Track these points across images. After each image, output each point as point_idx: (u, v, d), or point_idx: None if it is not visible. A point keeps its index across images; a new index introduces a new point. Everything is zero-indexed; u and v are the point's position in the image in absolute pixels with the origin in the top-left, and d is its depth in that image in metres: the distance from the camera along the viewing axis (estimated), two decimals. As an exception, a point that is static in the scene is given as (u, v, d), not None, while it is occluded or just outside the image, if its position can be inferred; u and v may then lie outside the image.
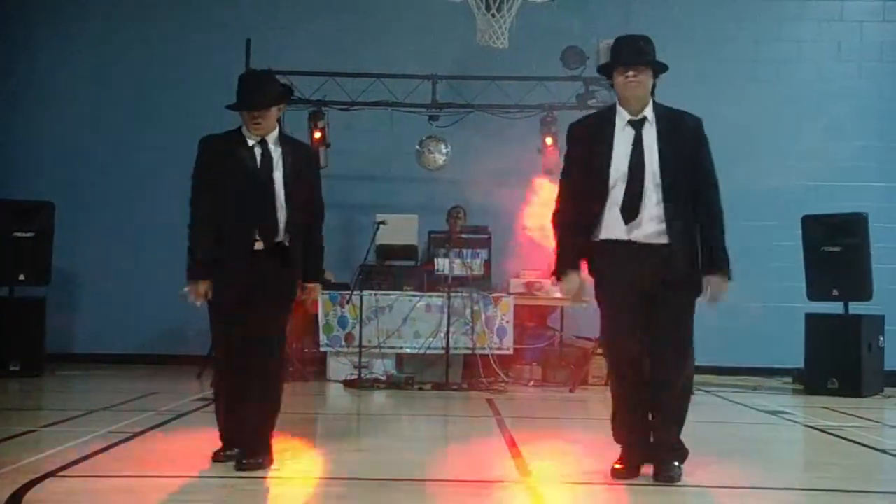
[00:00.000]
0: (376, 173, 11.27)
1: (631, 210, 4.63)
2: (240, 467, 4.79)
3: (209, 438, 5.11)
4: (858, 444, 6.30)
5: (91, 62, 11.50)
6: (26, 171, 11.07)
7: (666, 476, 4.65)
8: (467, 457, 5.80)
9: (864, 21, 11.74)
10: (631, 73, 4.69)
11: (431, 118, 10.38)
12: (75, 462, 4.99)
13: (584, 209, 4.74)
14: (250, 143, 4.95)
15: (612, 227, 4.68)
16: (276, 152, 4.98)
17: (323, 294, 9.50)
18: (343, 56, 10.86)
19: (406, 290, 9.61)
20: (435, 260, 9.80)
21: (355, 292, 9.40)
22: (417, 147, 10.68)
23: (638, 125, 4.72)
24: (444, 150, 10.66)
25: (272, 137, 5.00)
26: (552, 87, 10.23)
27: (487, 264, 9.93)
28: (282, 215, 4.95)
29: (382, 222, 9.51)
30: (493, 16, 9.44)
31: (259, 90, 4.97)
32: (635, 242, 4.65)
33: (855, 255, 9.39)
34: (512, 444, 5.93)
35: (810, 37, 11.72)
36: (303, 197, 5.06)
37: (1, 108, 11.45)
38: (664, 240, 4.65)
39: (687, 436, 4.83)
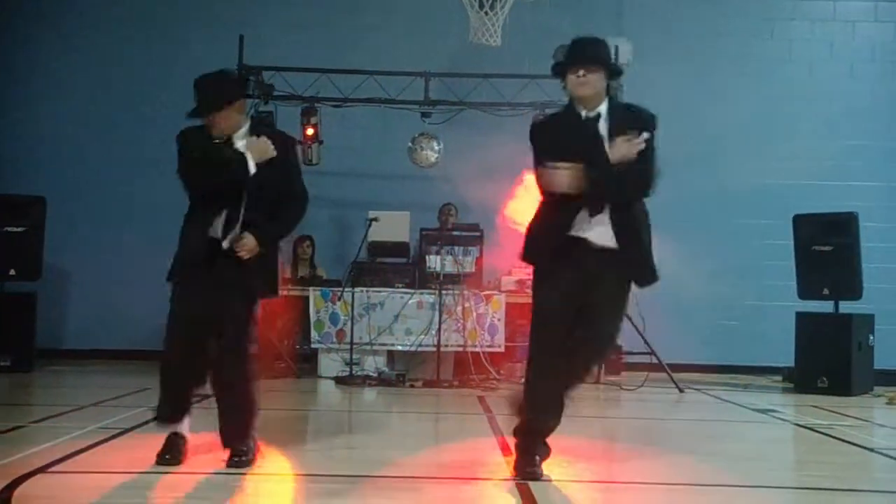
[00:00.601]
0: (369, 170, 11.27)
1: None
2: (231, 464, 4.80)
3: (200, 435, 5.10)
4: (848, 442, 6.32)
5: (85, 58, 11.50)
6: (18, 166, 11.06)
7: None
8: (458, 454, 5.80)
9: (856, 21, 11.79)
10: (581, 73, 4.66)
11: (424, 115, 10.40)
12: (66, 458, 4.97)
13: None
14: (216, 142, 4.89)
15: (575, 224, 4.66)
16: (251, 141, 4.89)
17: (315, 290, 9.54)
18: (336, 53, 10.87)
19: (397, 287, 9.61)
20: (426, 257, 9.80)
21: (347, 289, 9.41)
22: (410, 144, 10.69)
23: (593, 121, 4.69)
24: (437, 148, 10.68)
25: (240, 135, 4.93)
26: (544, 85, 10.22)
27: (479, 261, 9.91)
28: (243, 214, 4.87)
29: (374, 219, 9.52)
30: (486, 13, 9.46)
31: (207, 94, 4.89)
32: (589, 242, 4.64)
33: (846, 254, 9.42)
34: (503, 442, 5.93)
35: (802, 36, 11.76)
36: (275, 189, 4.95)
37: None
38: (611, 243, 4.63)
39: (678, 433, 4.84)
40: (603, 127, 4.68)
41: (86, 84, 11.45)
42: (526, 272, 9.89)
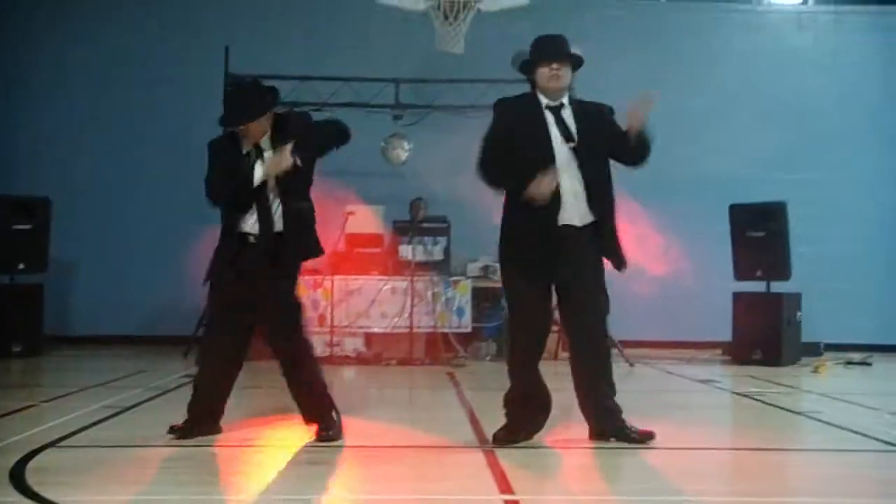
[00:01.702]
0: (346, 168, 11.16)
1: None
2: (319, 438, 4.81)
3: (185, 412, 5.08)
4: (778, 407, 6.43)
5: (85, 64, 11.33)
6: (24, 167, 10.95)
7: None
8: (430, 424, 5.84)
9: (782, 26, 11.92)
10: (555, 66, 4.71)
11: (395, 117, 10.41)
12: (73, 433, 4.99)
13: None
14: (244, 150, 4.79)
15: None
16: (268, 156, 4.77)
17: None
18: (314, 61, 10.86)
19: (373, 275, 9.63)
20: (399, 247, 9.82)
21: (327, 277, 9.41)
22: (382, 144, 10.68)
23: (556, 109, 4.74)
24: (407, 147, 10.67)
25: (265, 140, 4.80)
26: (505, 88, 10.22)
27: (447, 250, 9.95)
28: (276, 212, 4.78)
29: (351, 213, 9.52)
30: (450, 24, 9.47)
31: (239, 105, 4.78)
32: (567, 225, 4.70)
33: (776, 240, 9.54)
34: (471, 413, 5.98)
35: (737, 38, 11.84)
36: (307, 176, 4.87)
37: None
38: (589, 219, 4.71)
39: (627, 402, 4.91)
40: (568, 115, 4.73)
41: (86, 89, 11.33)
42: (489, 259, 9.96)
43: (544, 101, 4.78)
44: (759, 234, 9.65)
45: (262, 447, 4.82)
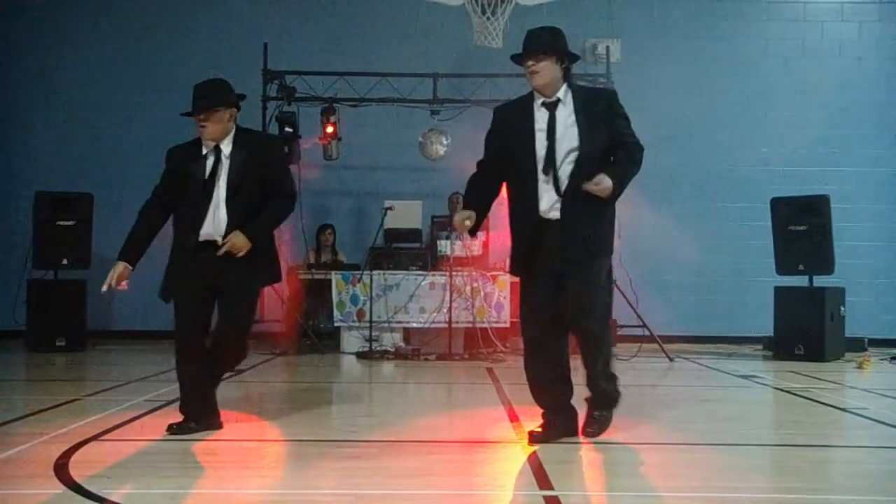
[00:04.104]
0: (384, 164, 11.27)
1: (557, 187, 4.56)
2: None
3: (232, 406, 5.13)
4: (822, 403, 6.33)
5: (124, 61, 11.52)
6: (68, 166, 11.10)
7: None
8: (469, 420, 5.82)
9: (824, 21, 11.73)
10: (530, 62, 4.62)
11: (433, 112, 10.41)
12: (116, 427, 5.04)
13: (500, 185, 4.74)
14: (204, 150, 4.88)
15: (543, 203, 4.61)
16: (227, 158, 4.85)
17: (336, 274, 9.58)
18: (353, 57, 10.92)
19: (412, 270, 9.63)
20: (438, 242, 9.81)
21: (366, 272, 9.43)
22: (420, 139, 10.69)
23: (552, 107, 4.63)
24: (445, 142, 10.67)
25: (227, 141, 4.88)
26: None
27: (486, 245, 9.92)
28: (224, 216, 4.81)
29: (390, 208, 9.54)
30: (487, 18, 9.44)
31: (203, 96, 4.87)
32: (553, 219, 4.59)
33: (819, 234, 9.41)
34: (510, 409, 5.95)
35: (777, 35, 11.72)
36: (257, 190, 4.86)
37: (44, 110, 11.48)
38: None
39: (669, 398, 4.85)
40: (564, 111, 4.61)
41: (123, 85, 11.47)
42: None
43: (539, 98, 4.68)
44: (802, 227, 9.51)
45: (303, 442, 4.83)
